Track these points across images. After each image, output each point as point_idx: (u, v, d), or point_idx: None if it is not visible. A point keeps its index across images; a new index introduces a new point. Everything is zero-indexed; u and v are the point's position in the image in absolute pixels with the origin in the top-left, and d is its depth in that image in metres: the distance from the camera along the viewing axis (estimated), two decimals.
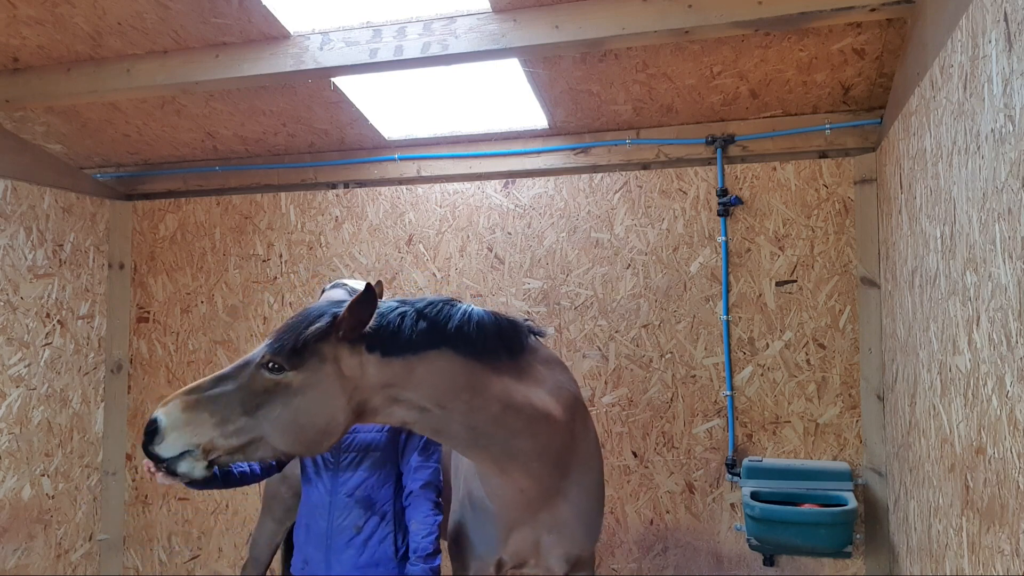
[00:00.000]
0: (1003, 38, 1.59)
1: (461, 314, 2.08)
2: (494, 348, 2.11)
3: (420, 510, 2.41)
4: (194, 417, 1.88)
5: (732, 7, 2.61)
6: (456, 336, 2.04)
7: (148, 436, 1.89)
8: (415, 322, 2.00)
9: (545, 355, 2.43)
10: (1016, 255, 1.54)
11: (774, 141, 3.55)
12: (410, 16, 2.97)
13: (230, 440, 1.90)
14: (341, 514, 2.44)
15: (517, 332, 2.23)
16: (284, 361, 1.91)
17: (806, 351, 3.51)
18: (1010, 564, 1.60)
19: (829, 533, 3.06)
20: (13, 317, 3.98)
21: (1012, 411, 1.56)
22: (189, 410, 1.88)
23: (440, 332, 2.02)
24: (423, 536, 2.37)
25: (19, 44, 3.24)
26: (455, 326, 2.04)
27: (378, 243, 4.17)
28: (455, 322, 2.04)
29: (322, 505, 2.46)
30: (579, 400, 2.46)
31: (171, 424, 1.87)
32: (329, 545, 2.43)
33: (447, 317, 2.05)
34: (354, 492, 2.45)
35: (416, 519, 2.40)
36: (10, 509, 3.94)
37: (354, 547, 2.40)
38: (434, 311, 2.05)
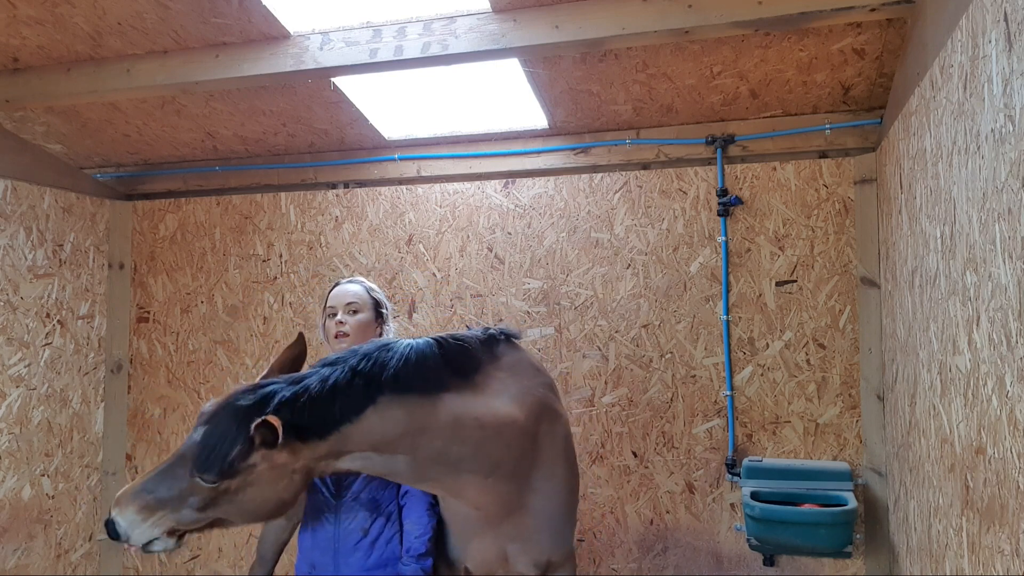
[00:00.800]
0: (1003, 38, 1.59)
1: (397, 358, 2.05)
2: (436, 378, 2.10)
3: (415, 510, 2.40)
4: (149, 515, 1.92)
5: (732, 7, 2.61)
6: (393, 382, 2.02)
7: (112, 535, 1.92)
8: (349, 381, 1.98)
9: (512, 360, 2.37)
10: (1016, 255, 1.54)
11: (774, 141, 3.55)
12: (410, 16, 2.97)
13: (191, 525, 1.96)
14: (347, 517, 2.43)
15: (465, 352, 2.20)
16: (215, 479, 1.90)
17: (806, 351, 3.51)
18: (1010, 564, 1.60)
19: (829, 533, 3.06)
20: (13, 317, 3.98)
21: (1012, 411, 1.56)
22: (143, 511, 1.91)
23: (375, 384, 2.01)
24: (416, 536, 2.37)
25: (19, 44, 3.24)
26: (391, 375, 2.02)
27: (378, 243, 4.17)
28: (391, 370, 2.02)
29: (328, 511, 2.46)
30: (546, 404, 2.39)
31: (129, 525, 1.91)
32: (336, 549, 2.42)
33: (382, 366, 2.02)
34: (359, 495, 2.45)
35: (411, 519, 2.40)
36: (10, 509, 3.94)
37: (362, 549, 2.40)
38: (368, 364, 2.02)
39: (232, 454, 1.87)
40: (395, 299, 4.11)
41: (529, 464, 2.30)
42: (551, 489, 2.37)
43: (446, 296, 4.03)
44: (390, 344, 2.11)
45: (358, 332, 2.61)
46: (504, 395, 2.25)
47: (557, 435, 2.42)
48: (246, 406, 1.92)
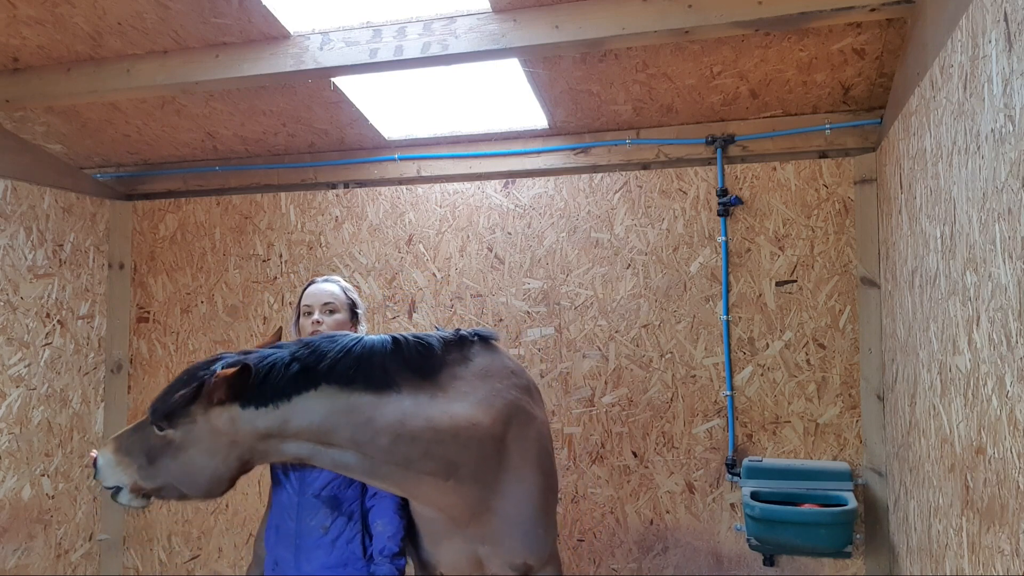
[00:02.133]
0: (1003, 38, 1.59)
1: (338, 349, 2.10)
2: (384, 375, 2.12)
3: (386, 510, 2.40)
4: (120, 459, 2.14)
5: (732, 7, 2.61)
6: (330, 373, 2.07)
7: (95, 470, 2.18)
8: (286, 367, 2.06)
9: (484, 363, 2.35)
10: (1016, 255, 1.54)
11: (774, 141, 3.56)
12: (410, 16, 2.97)
13: (147, 483, 2.14)
14: (308, 514, 2.43)
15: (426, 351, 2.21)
16: (161, 422, 2.08)
17: (806, 351, 3.51)
18: (1010, 564, 1.60)
19: (829, 533, 3.06)
20: (13, 317, 3.98)
21: (1012, 411, 1.57)
22: (117, 453, 2.15)
23: (313, 372, 2.06)
24: (389, 536, 2.37)
25: (19, 44, 3.24)
26: (328, 365, 2.07)
27: (378, 243, 4.17)
28: (328, 360, 2.08)
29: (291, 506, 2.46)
30: (518, 406, 2.36)
31: (104, 464, 2.15)
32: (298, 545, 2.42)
33: (320, 356, 2.08)
34: (320, 492, 2.44)
35: (382, 519, 2.39)
36: (10, 509, 3.94)
37: (322, 547, 2.39)
38: (307, 352, 2.09)
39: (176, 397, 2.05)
40: (395, 299, 4.12)
41: (495, 467, 2.28)
42: (521, 492, 2.33)
43: (446, 296, 4.03)
44: (336, 336, 2.17)
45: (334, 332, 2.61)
46: (469, 398, 2.23)
47: (529, 438, 2.38)
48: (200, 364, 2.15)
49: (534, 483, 2.37)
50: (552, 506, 2.49)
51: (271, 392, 2.05)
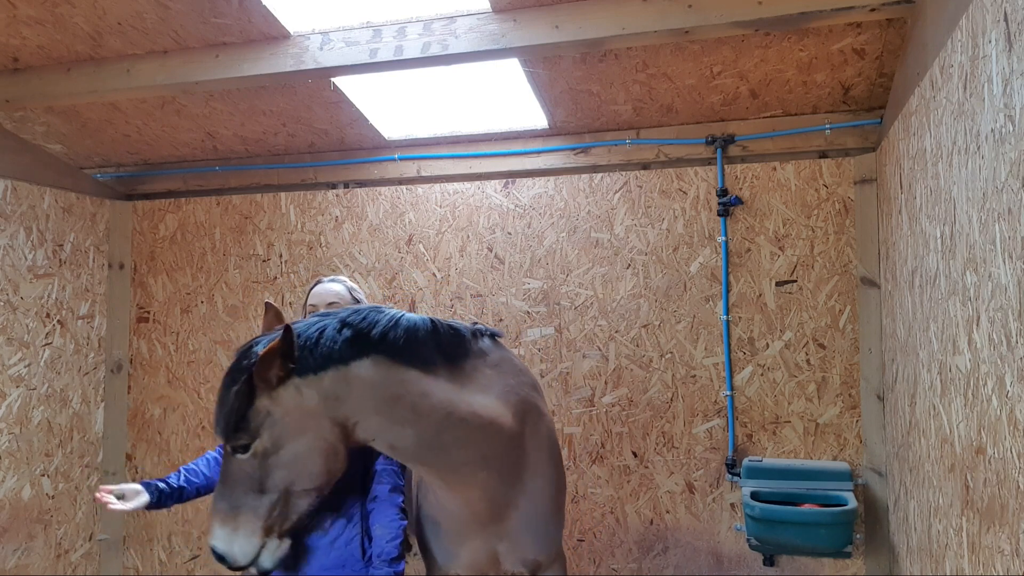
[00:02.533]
0: (1003, 38, 1.59)
1: (387, 320, 2.05)
2: (429, 354, 2.09)
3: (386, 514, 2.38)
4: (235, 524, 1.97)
5: (732, 7, 2.61)
6: (381, 342, 2.02)
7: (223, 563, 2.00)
8: (338, 331, 1.99)
9: (497, 358, 2.36)
10: (1016, 255, 1.54)
11: (774, 141, 3.55)
12: (410, 16, 2.97)
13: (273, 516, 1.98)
14: None
15: (458, 338, 2.20)
16: (241, 439, 1.95)
17: (806, 351, 3.51)
18: (1010, 564, 1.60)
19: (829, 533, 3.06)
20: (13, 317, 3.98)
21: (1012, 411, 1.56)
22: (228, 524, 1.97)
23: (365, 339, 2.01)
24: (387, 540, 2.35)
25: (19, 44, 3.24)
26: (380, 332, 2.02)
27: (378, 243, 4.17)
28: (380, 328, 2.02)
29: None
30: (532, 404, 2.39)
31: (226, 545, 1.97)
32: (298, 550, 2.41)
33: (371, 324, 2.03)
34: None
35: (381, 523, 2.37)
36: (10, 509, 3.94)
37: (321, 548, 2.38)
38: (358, 318, 2.03)
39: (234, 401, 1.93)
40: (395, 299, 4.11)
41: (517, 463, 2.30)
42: (539, 488, 2.37)
43: (446, 296, 4.03)
44: (382, 308, 2.12)
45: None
46: (490, 392, 2.24)
47: (542, 435, 2.41)
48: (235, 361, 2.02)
49: (549, 480, 2.41)
50: (563, 503, 2.52)
51: (325, 356, 1.96)
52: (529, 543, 2.38)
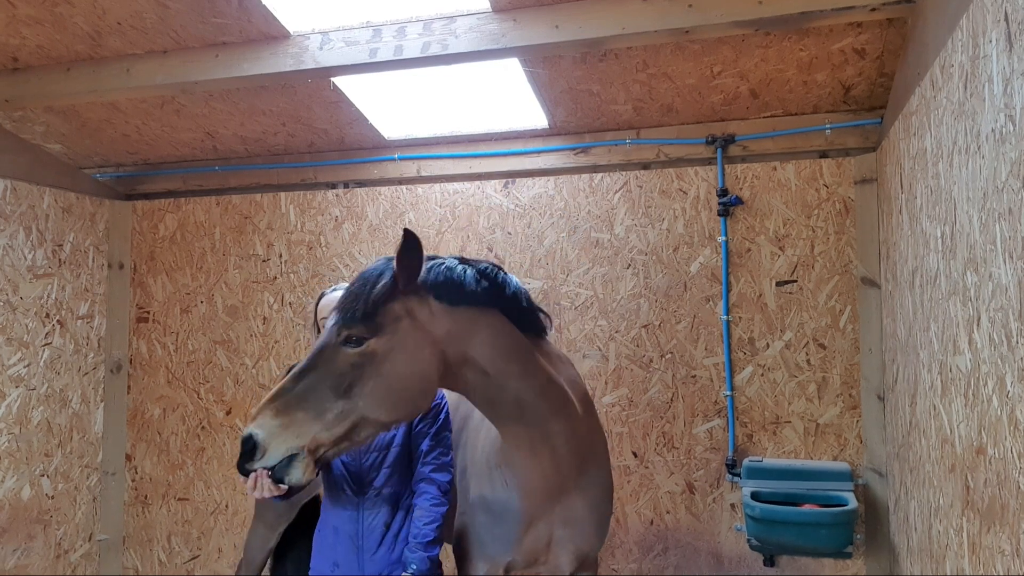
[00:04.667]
0: (1003, 38, 1.59)
1: (515, 283, 2.17)
2: (531, 322, 2.21)
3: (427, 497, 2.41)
4: (290, 420, 1.82)
5: (732, 7, 2.61)
6: (510, 301, 2.12)
7: (246, 455, 1.80)
8: (477, 280, 2.06)
9: (557, 350, 2.47)
10: (1016, 255, 1.53)
11: (774, 141, 3.55)
12: (410, 16, 2.97)
13: (333, 430, 1.85)
14: (371, 514, 2.44)
15: (539, 315, 2.29)
16: (362, 331, 1.89)
17: (806, 351, 3.50)
18: (1010, 564, 1.60)
19: (829, 533, 3.06)
20: (13, 317, 3.98)
21: (1013, 411, 1.56)
22: (282, 414, 1.82)
23: (498, 294, 2.10)
24: (425, 523, 2.37)
25: (19, 44, 3.24)
26: (511, 292, 2.13)
27: (378, 243, 4.17)
28: (511, 288, 2.13)
29: (351, 507, 2.46)
30: (588, 396, 2.49)
31: (268, 434, 1.80)
32: (360, 546, 2.42)
33: (504, 282, 2.13)
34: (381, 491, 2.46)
35: (421, 505, 2.40)
36: (10, 509, 3.94)
37: (386, 545, 2.42)
38: (493, 273, 2.12)
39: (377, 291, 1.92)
40: None
41: (587, 449, 2.37)
42: (601, 479, 2.46)
43: None
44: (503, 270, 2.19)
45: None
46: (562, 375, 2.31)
47: (601, 430, 2.55)
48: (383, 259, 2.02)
49: (607, 471, 2.52)
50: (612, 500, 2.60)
51: (467, 293, 2.02)
52: (588, 532, 2.43)
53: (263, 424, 1.81)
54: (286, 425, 1.81)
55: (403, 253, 1.92)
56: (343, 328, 1.90)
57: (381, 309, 1.92)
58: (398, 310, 1.94)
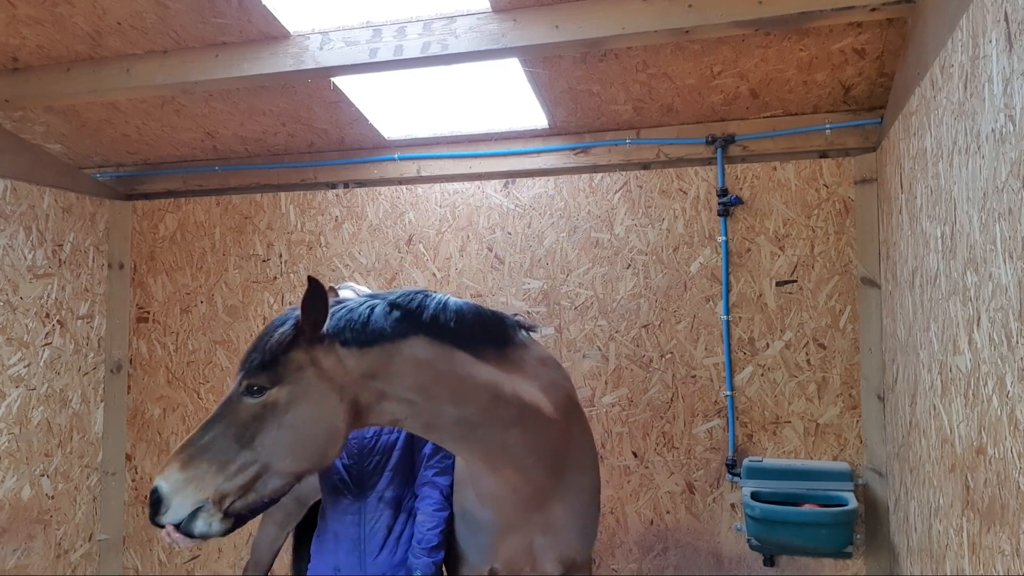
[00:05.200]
0: (1003, 38, 1.59)
1: (436, 303, 2.06)
2: (476, 337, 2.09)
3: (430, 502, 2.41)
4: (194, 472, 1.83)
5: (732, 7, 2.61)
6: (432, 324, 2.01)
7: (153, 507, 1.83)
8: (387, 312, 1.99)
9: (539, 353, 2.39)
10: (1016, 255, 1.53)
11: (774, 141, 3.55)
12: (410, 16, 2.97)
13: (235, 481, 1.85)
14: (373, 518, 2.44)
15: (502, 324, 2.21)
16: (263, 380, 1.87)
17: (806, 351, 3.50)
18: (1011, 564, 1.60)
19: (829, 533, 3.06)
20: (13, 317, 3.98)
21: (1013, 411, 1.56)
22: (187, 467, 1.83)
23: (415, 320, 2.00)
24: (428, 528, 2.37)
25: (19, 44, 3.24)
26: (430, 315, 2.02)
27: (378, 243, 4.17)
28: (430, 311, 2.03)
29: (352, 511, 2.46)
30: (574, 400, 2.42)
31: (172, 488, 1.82)
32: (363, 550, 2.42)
33: (421, 306, 2.03)
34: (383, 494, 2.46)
35: (424, 510, 2.40)
36: (10, 509, 3.94)
37: (388, 548, 2.42)
38: (407, 300, 2.03)
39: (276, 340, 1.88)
40: None
41: (562, 455, 2.30)
42: (581, 484, 2.38)
43: None
44: (428, 292, 2.12)
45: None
46: (536, 382, 2.24)
47: (586, 432, 2.45)
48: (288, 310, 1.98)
49: (591, 476, 2.43)
50: (599, 504, 2.53)
51: (376, 333, 1.94)
52: (571, 538, 2.38)
53: (168, 477, 1.83)
54: (189, 479, 1.82)
55: (307, 301, 1.88)
56: (244, 378, 1.90)
57: (283, 358, 1.89)
58: (301, 359, 1.90)
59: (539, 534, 2.35)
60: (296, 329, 1.92)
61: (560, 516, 2.34)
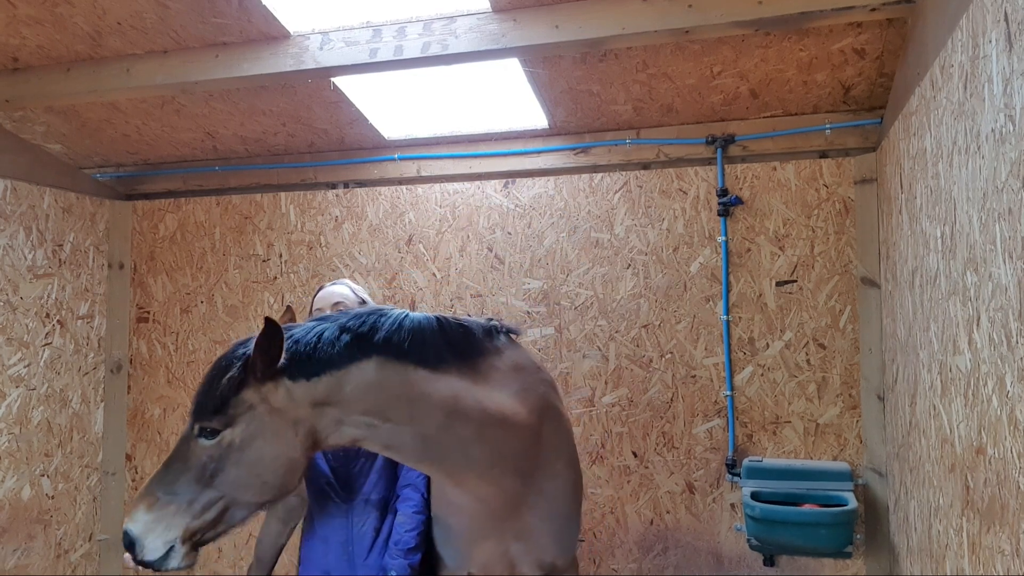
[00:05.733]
0: (1003, 38, 1.59)
1: (391, 323, 2.02)
2: (436, 352, 2.06)
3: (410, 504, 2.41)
4: (161, 513, 1.87)
5: (732, 7, 2.61)
6: (385, 345, 1.98)
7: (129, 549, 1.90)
8: (336, 337, 1.96)
9: (516, 358, 2.33)
10: (1016, 255, 1.53)
11: (774, 141, 3.55)
12: (410, 16, 2.97)
13: (203, 518, 1.89)
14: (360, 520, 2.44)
15: (468, 335, 2.17)
16: (215, 424, 1.88)
17: (806, 351, 3.51)
18: (1010, 564, 1.60)
19: (829, 533, 3.06)
20: (13, 317, 3.98)
21: (1012, 411, 1.56)
22: (154, 508, 1.88)
23: (366, 343, 1.97)
24: (406, 530, 2.37)
25: (19, 44, 3.24)
26: (383, 336, 1.99)
27: (378, 243, 4.17)
28: (383, 332, 1.99)
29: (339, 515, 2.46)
30: (550, 404, 2.36)
31: (143, 530, 1.87)
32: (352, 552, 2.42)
33: (374, 327, 2.00)
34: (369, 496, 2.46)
35: (404, 512, 2.40)
36: (10, 509, 3.94)
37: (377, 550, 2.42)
38: (358, 323, 2.00)
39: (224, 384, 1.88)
40: (395, 299, 4.11)
41: (533, 462, 2.26)
42: (555, 489, 2.33)
43: (446, 296, 4.03)
44: (384, 309, 2.08)
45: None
46: (507, 389, 2.20)
47: (561, 435, 2.38)
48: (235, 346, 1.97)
49: (568, 480, 2.37)
50: (580, 506, 2.49)
51: (323, 362, 1.92)
52: (546, 544, 2.35)
53: (136, 520, 1.88)
54: (158, 519, 1.87)
55: (262, 342, 1.86)
56: (196, 422, 1.90)
57: (232, 400, 1.88)
58: (251, 398, 1.89)
59: (513, 541, 2.33)
60: (243, 370, 1.90)
61: (534, 523, 2.31)
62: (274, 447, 1.90)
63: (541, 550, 2.35)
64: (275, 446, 1.90)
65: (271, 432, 1.90)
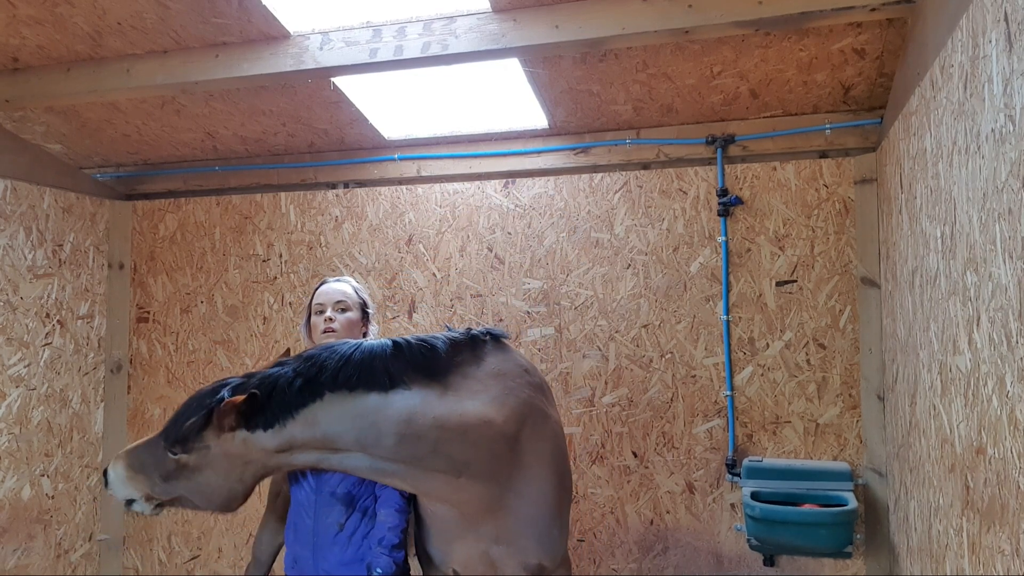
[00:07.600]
0: (1003, 38, 1.59)
1: (338, 358, 2.12)
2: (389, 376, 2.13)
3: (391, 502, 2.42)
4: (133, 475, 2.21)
5: (732, 7, 2.61)
6: (332, 381, 2.10)
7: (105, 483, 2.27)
8: (289, 384, 2.10)
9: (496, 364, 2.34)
10: (1016, 255, 1.53)
11: (774, 141, 3.55)
12: (410, 16, 2.97)
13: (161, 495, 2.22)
14: (324, 512, 2.46)
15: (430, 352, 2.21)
16: (176, 449, 2.14)
17: (806, 351, 3.51)
18: (1010, 564, 1.60)
19: (829, 533, 3.06)
20: (13, 317, 3.98)
21: (1012, 411, 1.56)
22: (129, 468, 2.22)
23: (316, 384, 2.10)
24: (390, 527, 2.38)
25: (19, 44, 3.24)
26: (329, 375, 2.10)
27: (378, 243, 4.17)
28: (329, 371, 2.11)
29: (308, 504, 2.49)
30: (532, 405, 2.35)
31: (115, 479, 2.23)
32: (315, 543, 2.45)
33: (321, 367, 2.12)
34: (336, 489, 2.47)
35: (385, 510, 2.41)
36: (10, 509, 3.94)
37: (339, 544, 2.43)
38: (307, 366, 2.12)
39: (188, 426, 2.10)
40: (395, 299, 4.11)
41: (509, 465, 2.26)
42: (535, 492, 2.32)
43: (446, 296, 4.03)
44: (334, 346, 2.19)
45: (346, 330, 2.66)
46: (481, 396, 2.22)
47: (543, 437, 2.37)
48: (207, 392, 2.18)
49: (549, 482, 2.35)
50: (567, 507, 2.47)
51: (277, 412, 2.09)
52: (529, 546, 2.34)
53: (116, 469, 2.23)
54: (130, 478, 2.22)
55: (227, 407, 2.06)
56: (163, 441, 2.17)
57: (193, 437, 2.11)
58: (210, 440, 2.11)
59: (493, 544, 2.33)
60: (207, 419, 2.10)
61: (512, 527, 2.31)
62: (219, 480, 2.15)
63: (524, 552, 2.35)
64: (220, 480, 2.15)
65: (221, 469, 2.14)
